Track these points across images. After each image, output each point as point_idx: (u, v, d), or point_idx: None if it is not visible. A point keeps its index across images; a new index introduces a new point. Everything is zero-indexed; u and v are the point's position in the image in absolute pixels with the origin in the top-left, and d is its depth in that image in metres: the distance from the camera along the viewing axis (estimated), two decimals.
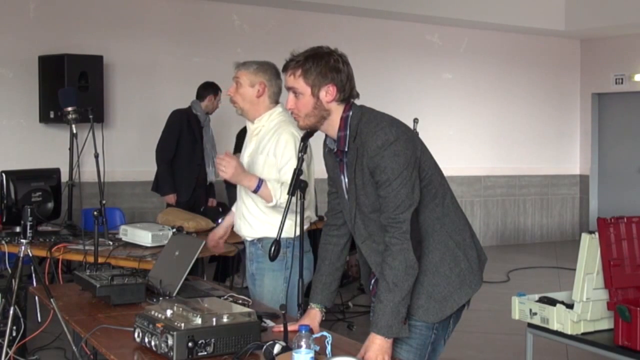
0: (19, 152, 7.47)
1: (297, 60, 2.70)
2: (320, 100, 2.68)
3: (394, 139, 2.58)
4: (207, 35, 8.57)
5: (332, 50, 2.73)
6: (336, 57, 2.69)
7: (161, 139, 6.92)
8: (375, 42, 9.68)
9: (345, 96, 2.69)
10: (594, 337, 3.76)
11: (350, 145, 2.67)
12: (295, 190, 3.09)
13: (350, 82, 2.70)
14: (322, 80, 2.66)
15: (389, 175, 2.57)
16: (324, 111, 2.69)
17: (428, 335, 2.74)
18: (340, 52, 2.74)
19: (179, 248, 3.56)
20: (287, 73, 2.73)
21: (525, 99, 10.99)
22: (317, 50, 2.72)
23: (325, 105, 2.68)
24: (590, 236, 3.73)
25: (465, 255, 2.75)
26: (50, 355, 5.09)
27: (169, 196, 6.84)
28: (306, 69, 2.67)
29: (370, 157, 2.59)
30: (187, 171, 6.90)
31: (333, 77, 2.66)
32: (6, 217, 4.94)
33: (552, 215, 11.39)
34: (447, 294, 2.70)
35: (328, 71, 2.66)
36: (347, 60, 2.73)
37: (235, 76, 3.75)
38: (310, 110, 2.70)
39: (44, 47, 7.55)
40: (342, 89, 2.67)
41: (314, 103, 2.68)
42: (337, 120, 2.70)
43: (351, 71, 2.72)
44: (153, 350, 2.57)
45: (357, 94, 2.75)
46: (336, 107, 2.70)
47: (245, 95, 3.70)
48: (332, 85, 2.67)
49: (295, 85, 2.70)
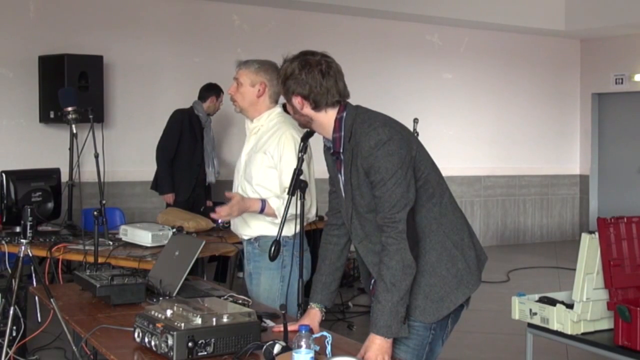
0: (19, 152, 7.47)
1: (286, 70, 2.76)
2: (294, 107, 2.75)
3: (387, 138, 2.58)
4: (207, 35, 8.57)
5: (308, 58, 2.72)
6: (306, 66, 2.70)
7: (162, 138, 6.93)
8: (375, 42, 9.68)
9: (317, 105, 2.71)
10: (594, 337, 3.76)
11: (345, 146, 2.67)
12: (295, 190, 3.09)
13: (321, 90, 2.68)
14: (288, 88, 2.74)
15: (383, 175, 2.57)
16: (304, 116, 2.76)
17: (426, 336, 2.74)
18: (323, 59, 2.71)
19: (179, 248, 3.56)
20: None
21: (525, 99, 10.99)
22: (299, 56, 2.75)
23: (302, 112, 2.74)
24: (590, 236, 3.73)
25: (463, 255, 2.74)
26: (50, 355, 5.09)
27: (168, 195, 6.86)
28: (284, 74, 2.76)
29: (364, 158, 2.60)
30: (187, 171, 6.91)
31: (295, 88, 2.71)
32: (6, 217, 4.94)
33: (552, 215, 11.39)
34: (443, 294, 2.70)
35: (293, 80, 2.72)
36: (329, 66, 2.71)
37: (236, 75, 3.75)
38: (292, 113, 2.81)
39: (44, 47, 7.54)
40: (307, 99, 2.71)
41: (292, 109, 2.78)
42: (329, 124, 2.71)
43: (327, 78, 2.69)
44: (153, 350, 2.57)
45: (339, 100, 2.71)
46: (316, 114, 2.73)
47: (245, 94, 3.69)
48: (297, 97, 2.72)
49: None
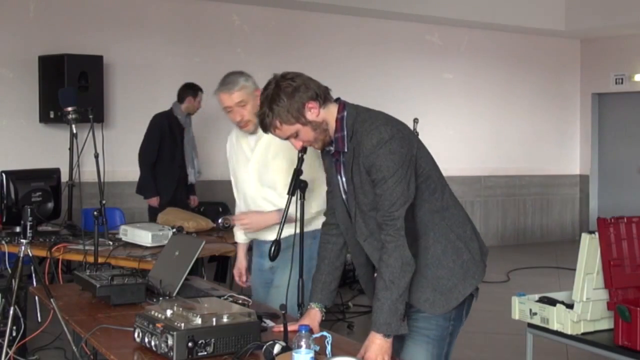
0: (19, 152, 7.47)
1: (266, 117, 2.66)
2: (313, 121, 2.66)
3: (389, 137, 2.58)
4: (207, 35, 8.57)
5: (274, 80, 2.67)
6: (283, 83, 2.65)
7: (143, 142, 6.95)
8: (375, 42, 9.68)
9: (322, 97, 2.67)
10: (594, 337, 3.76)
11: (347, 146, 2.68)
12: (295, 190, 3.09)
13: (313, 84, 2.67)
14: (298, 107, 2.63)
15: (384, 173, 2.58)
16: (322, 124, 2.68)
17: (446, 327, 2.76)
18: (280, 75, 2.68)
19: (179, 248, 3.56)
20: (272, 131, 2.70)
21: (525, 99, 10.99)
22: (266, 95, 2.66)
23: (319, 119, 2.67)
24: (590, 236, 3.73)
25: (467, 246, 2.77)
26: (50, 355, 5.09)
27: (152, 199, 6.87)
28: (279, 116, 2.64)
29: (366, 156, 2.60)
30: (169, 173, 6.96)
31: (301, 97, 2.63)
32: (6, 217, 4.95)
33: (552, 215, 11.39)
34: (451, 285, 2.72)
35: (292, 98, 2.63)
36: (290, 74, 2.68)
37: (227, 104, 3.61)
38: (313, 135, 2.69)
39: (44, 47, 7.55)
40: (315, 96, 2.65)
41: (311, 128, 2.67)
42: (331, 123, 2.70)
43: (303, 78, 2.67)
44: (153, 350, 2.57)
45: (327, 89, 2.70)
46: (326, 111, 2.69)
47: (254, 109, 3.45)
48: (309, 102, 2.65)
49: (287, 134, 2.69)
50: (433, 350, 2.75)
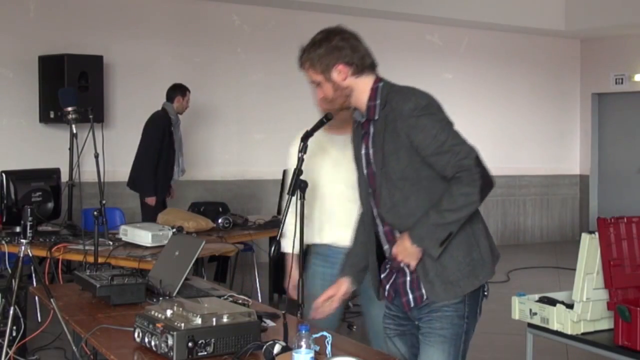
0: (19, 152, 7.47)
1: (301, 55, 2.78)
2: (336, 82, 2.74)
3: (426, 103, 2.68)
4: (207, 35, 8.57)
5: (331, 30, 2.78)
6: (333, 37, 2.74)
7: (144, 143, 6.95)
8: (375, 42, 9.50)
9: (359, 69, 2.75)
10: (594, 337, 3.76)
11: (379, 113, 2.72)
12: (295, 190, 3.09)
13: (358, 54, 2.75)
14: (328, 63, 2.72)
15: (430, 131, 2.63)
16: (346, 90, 2.75)
17: (460, 325, 2.77)
18: (340, 28, 2.79)
19: (179, 248, 3.56)
20: (302, 67, 2.81)
21: (525, 99, 10.99)
22: (315, 37, 2.77)
23: (343, 84, 2.74)
24: (590, 236, 3.73)
25: (478, 244, 2.77)
26: (50, 355, 5.09)
27: (151, 198, 6.89)
28: (310, 60, 2.75)
29: (404, 119, 2.64)
30: (165, 172, 6.98)
31: (337, 57, 2.72)
32: (6, 217, 4.95)
33: (552, 215, 11.38)
34: (454, 279, 2.71)
35: (329, 53, 2.72)
36: (350, 34, 2.77)
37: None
38: (332, 94, 2.77)
39: (44, 47, 7.55)
40: (351, 64, 2.73)
41: (332, 86, 2.75)
42: (365, 92, 2.75)
43: (356, 43, 2.77)
44: (153, 350, 2.57)
45: (373, 63, 2.79)
46: (356, 81, 2.75)
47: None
48: (340, 64, 2.72)
49: (311, 78, 2.79)
50: (450, 349, 2.76)
